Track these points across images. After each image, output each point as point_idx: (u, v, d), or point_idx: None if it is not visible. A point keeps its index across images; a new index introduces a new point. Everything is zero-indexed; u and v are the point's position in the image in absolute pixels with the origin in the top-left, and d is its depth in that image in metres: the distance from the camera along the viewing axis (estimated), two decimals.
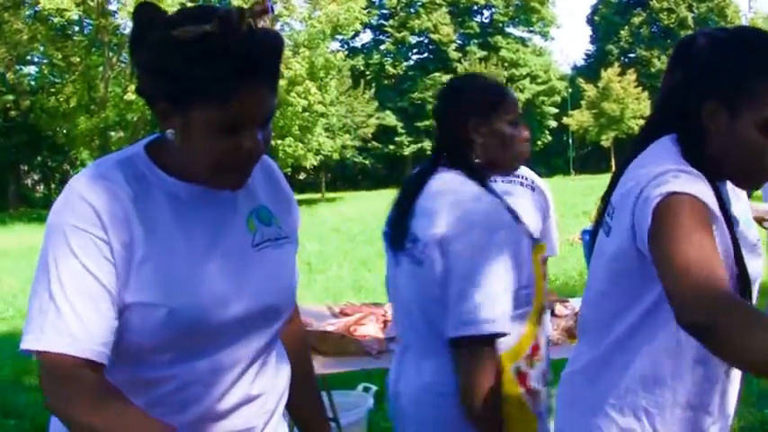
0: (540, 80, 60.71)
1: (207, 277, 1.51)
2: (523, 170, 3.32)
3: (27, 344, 1.42)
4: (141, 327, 1.46)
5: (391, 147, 55.96)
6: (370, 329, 3.73)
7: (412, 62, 60.80)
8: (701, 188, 1.54)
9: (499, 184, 3.17)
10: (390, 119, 54.80)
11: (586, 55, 68.16)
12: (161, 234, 1.49)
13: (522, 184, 3.29)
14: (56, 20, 31.77)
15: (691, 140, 1.66)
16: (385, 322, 3.86)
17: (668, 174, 1.56)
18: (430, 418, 2.22)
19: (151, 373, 1.51)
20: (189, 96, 1.42)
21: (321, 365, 3.28)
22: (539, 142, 58.37)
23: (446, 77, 52.51)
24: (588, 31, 67.81)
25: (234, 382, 1.57)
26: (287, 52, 33.37)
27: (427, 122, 55.01)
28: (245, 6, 1.41)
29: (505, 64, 56.62)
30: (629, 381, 1.71)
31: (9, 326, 9.89)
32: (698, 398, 1.71)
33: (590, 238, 1.88)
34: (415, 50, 61.27)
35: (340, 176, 58.45)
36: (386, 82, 57.48)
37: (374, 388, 4.68)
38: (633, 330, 1.69)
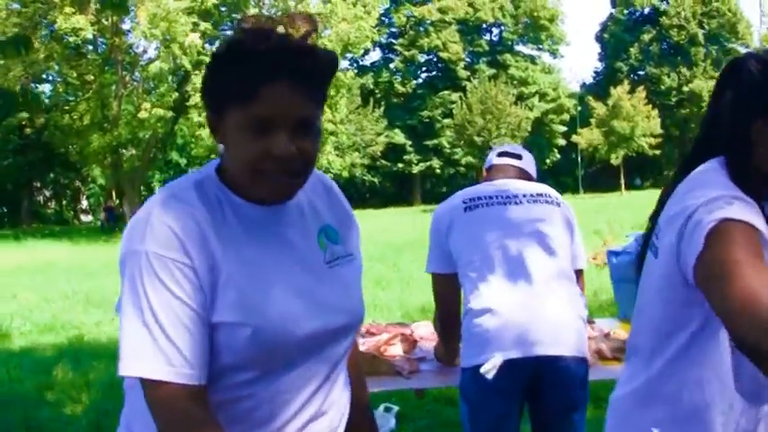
0: (549, 98, 60.79)
1: (286, 295, 1.54)
2: (545, 188, 3.28)
3: (127, 370, 1.44)
4: (226, 346, 1.48)
5: (400, 165, 55.94)
6: (400, 350, 3.74)
7: (421, 80, 61.01)
8: (753, 215, 1.56)
9: (525, 205, 3.15)
10: (399, 137, 54.86)
11: (595, 73, 68.23)
12: (238, 254, 1.51)
13: (548, 202, 3.20)
14: (71, 39, 32.03)
15: (739, 161, 1.69)
16: (414, 342, 3.86)
17: (721, 200, 1.57)
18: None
19: (231, 392, 1.52)
20: (223, 103, 1.49)
21: None
22: (547, 161, 58.33)
23: (455, 96, 52.64)
24: (597, 48, 67.74)
25: (308, 399, 1.59)
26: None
27: (436, 141, 55.10)
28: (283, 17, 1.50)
29: (514, 82, 56.62)
30: (679, 403, 1.72)
31: (27, 340, 9.95)
32: (745, 418, 1.72)
33: (637, 259, 1.91)
34: (423, 69, 61.56)
35: (349, 195, 57.24)
36: (395, 100, 57.61)
37: (395, 408, 4.72)
38: (681, 353, 1.71)
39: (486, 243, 3.08)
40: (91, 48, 35.79)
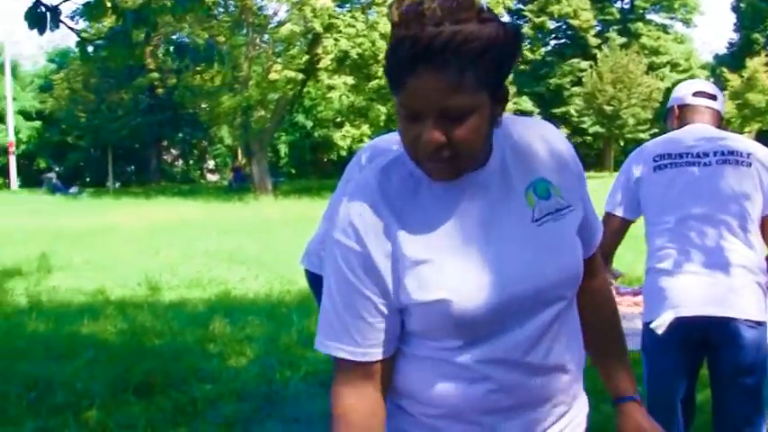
0: (680, 68, 58.87)
1: (488, 264, 1.55)
2: (738, 143, 3.18)
3: (316, 344, 1.65)
4: (426, 321, 1.57)
5: None
6: None
7: (550, 48, 59.94)
8: None
9: (713, 166, 3.12)
10: (527, 104, 54.21)
11: (729, 44, 65.57)
12: (434, 231, 1.56)
13: (737, 162, 3.11)
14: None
15: None
16: None
17: None
18: None
19: (439, 353, 1.60)
20: (391, 88, 1.51)
21: None
22: None
23: (584, 64, 51.71)
24: (732, 18, 65.16)
25: (523, 356, 1.60)
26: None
27: (564, 109, 54.27)
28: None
29: (646, 51, 55.10)
30: None
31: (176, 294, 10.24)
32: None
33: None
34: (553, 36, 60.34)
35: None
36: (523, 67, 56.67)
37: None
38: None
39: (670, 208, 3.19)
40: (221, 10, 36.17)
